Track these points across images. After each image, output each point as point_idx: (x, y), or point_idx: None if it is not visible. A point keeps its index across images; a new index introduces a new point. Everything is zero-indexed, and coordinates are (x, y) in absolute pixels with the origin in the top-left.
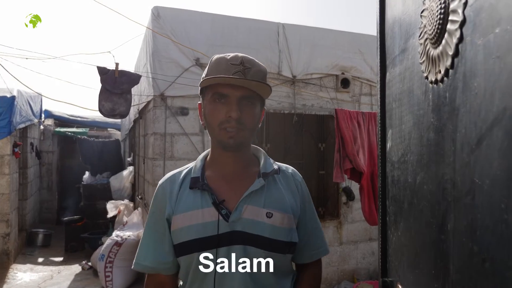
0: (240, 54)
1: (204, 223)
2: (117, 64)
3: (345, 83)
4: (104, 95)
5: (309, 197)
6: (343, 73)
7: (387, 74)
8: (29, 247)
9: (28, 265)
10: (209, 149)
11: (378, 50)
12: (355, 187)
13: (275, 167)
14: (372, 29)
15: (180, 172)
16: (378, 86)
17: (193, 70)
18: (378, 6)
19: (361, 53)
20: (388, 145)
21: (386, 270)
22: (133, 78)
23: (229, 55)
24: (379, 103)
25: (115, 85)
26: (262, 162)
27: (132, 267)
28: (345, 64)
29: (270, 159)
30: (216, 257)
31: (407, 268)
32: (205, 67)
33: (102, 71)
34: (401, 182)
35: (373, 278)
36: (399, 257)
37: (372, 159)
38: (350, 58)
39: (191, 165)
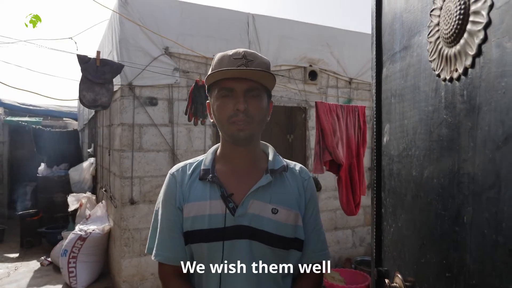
0: (241, 49)
1: (211, 215)
2: (98, 53)
3: (313, 75)
4: (85, 85)
5: (314, 196)
6: (311, 66)
7: (384, 69)
8: None
9: None
10: (219, 143)
11: (374, 46)
12: (321, 177)
13: (284, 164)
14: (340, 23)
15: (191, 163)
16: (374, 81)
17: (162, 59)
18: (374, 3)
19: (328, 46)
20: (385, 139)
21: (380, 260)
22: (115, 68)
23: (231, 51)
24: (374, 98)
25: (96, 74)
26: (270, 158)
27: (153, 258)
28: (313, 57)
29: (279, 156)
30: (222, 250)
31: (409, 258)
32: (175, 56)
33: (83, 59)
34: (403, 175)
35: (338, 266)
36: (398, 248)
37: (350, 152)
38: (318, 51)
39: (201, 157)
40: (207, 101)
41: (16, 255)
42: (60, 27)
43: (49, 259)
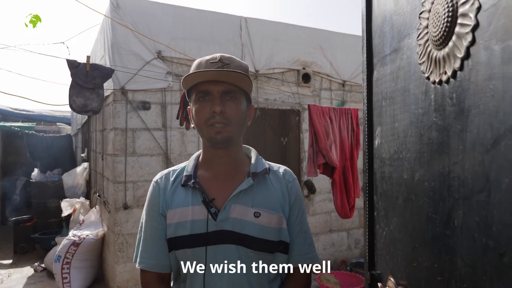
0: (218, 54)
1: (193, 221)
2: (88, 57)
3: (306, 78)
4: (75, 90)
5: (299, 199)
6: (304, 68)
7: (375, 72)
8: None
9: None
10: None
11: (365, 48)
12: (316, 180)
13: (266, 166)
14: (332, 26)
15: (175, 170)
16: (365, 84)
17: (155, 63)
18: (364, 5)
19: (321, 49)
20: (377, 142)
21: (373, 263)
22: (106, 72)
23: (208, 56)
24: (365, 101)
25: (87, 79)
26: (253, 161)
27: (137, 265)
28: (306, 59)
29: (262, 159)
30: (205, 256)
31: (401, 261)
32: (167, 60)
33: (73, 64)
34: (394, 179)
35: (334, 268)
36: (391, 251)
37: (343, 154)
38: (310, 54)
39: (185, 163)
40: (188, 107)
41: (10, 261)
42: (52, 32)
43: (43, 265)
